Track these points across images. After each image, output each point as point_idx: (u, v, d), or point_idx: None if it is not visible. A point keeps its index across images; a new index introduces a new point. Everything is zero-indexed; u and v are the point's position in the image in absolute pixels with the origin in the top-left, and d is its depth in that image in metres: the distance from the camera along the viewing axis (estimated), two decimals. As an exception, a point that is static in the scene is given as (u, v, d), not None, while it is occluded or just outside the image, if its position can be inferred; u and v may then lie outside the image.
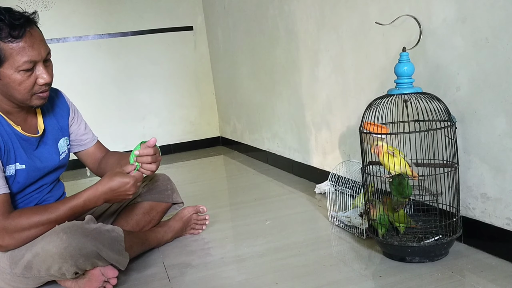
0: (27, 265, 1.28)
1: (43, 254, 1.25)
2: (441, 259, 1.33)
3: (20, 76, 1.24)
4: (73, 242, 1.23)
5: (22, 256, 1.28)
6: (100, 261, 1.28)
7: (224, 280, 1.36)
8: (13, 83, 1.25)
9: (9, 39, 1.21)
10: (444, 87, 1.41)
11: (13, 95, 1.28)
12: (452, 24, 1.35)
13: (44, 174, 1.44)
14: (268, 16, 2.64)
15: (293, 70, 2.44)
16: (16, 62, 1.22)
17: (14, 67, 1.23)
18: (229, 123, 3.75)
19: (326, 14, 2.03)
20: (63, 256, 1.24)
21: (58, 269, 1.26)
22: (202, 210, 1.78)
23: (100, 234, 1.29)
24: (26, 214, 1.28)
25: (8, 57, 1.22)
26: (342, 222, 1.68)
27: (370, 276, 1.30)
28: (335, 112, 2.09)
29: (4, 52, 1.21)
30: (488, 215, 1.33)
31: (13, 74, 1.24)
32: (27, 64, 1.23)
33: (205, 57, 3.95)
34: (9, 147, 1.32)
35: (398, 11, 1.55)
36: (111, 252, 1.29)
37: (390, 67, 1.59)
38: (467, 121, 1.35)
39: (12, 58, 1.22)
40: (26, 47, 1.23)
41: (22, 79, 1.25)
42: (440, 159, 1.40)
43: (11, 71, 1.23)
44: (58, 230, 1.26)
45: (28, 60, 1.23)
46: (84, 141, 1.60)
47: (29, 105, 1.32)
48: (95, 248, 1.26)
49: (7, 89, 1.27)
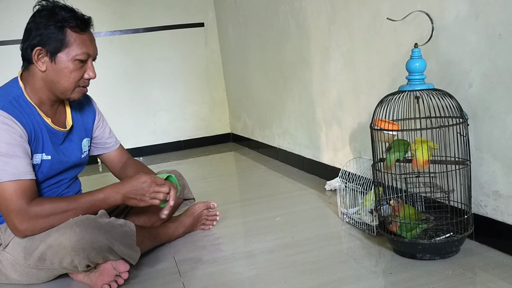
0: (41, 256, 1.30)
1: (56, 246, 1.27)
2: (452, 256, 1.32)
3: (73, 65, 1.34)
4: (86, 235, 1.25)
5: (36, 247, 1.30)
6: (112, 255, 1.30)
7: (234, 276, 1.37)
8: (66, 70, 1.34)
9: (76, 29, 1.34)
10: (456, 83, 1.40)
11: (59, 82, 1.36)
12: (464, 20, 1.34)
13: (66, 168, 1.48)
14: (279, 12, 2.63)
15: (303, 66, 2.44)
16: (74, 51, 1.33)
17: (72, 55, 1.34)
18: (240, 119, 3.75)
19: (337, 10, 2.02)
20: (75, 249, 1.26)
21: (70, 262, 1.28)
22: (213, 206, 1.79)
23: (112, 228, 1.30)
24: (48, 202, 1.32)
25: (69, 45, 1.33)
26: (352, 219, 1.68)
27: (380, 273, 1.29)
28: (346, 108, 2.09)
29: (69, 39, 1.33)
30: (500, 213, 1.32)
31: (68, 61, 1.34)
32: (84, 55, 1.35)
33: (216, 53, 3.96)
34: (38, 136, 1.37)
35: (410, 6, 1.53)
36: (123, 247, 1.31)
37: (402, 64, 1.58)
38: (479, 118, 1.34)
39: (73, 46, 1.33)
40: (87, 41, 1.36)
41: (74, 68, 1.35)
42: (452, 156, 1.39)
43: (67, 58, 1.34)
44: (72, 223, 1.28)
45: (86, 52, 1.35)
46: (108, 145, 1.67)
47: (68, 96, 1.40)
48: (107, 242, 1.27)
49: (56, 75, 1.35)
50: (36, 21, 1.34)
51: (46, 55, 1.33)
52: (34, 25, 1.33)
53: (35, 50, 1.33)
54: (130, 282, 1.38)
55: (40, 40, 1.32)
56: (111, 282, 1.33)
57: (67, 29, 1.33)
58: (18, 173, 1.28)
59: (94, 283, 1.34)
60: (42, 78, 1.36)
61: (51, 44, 1.32)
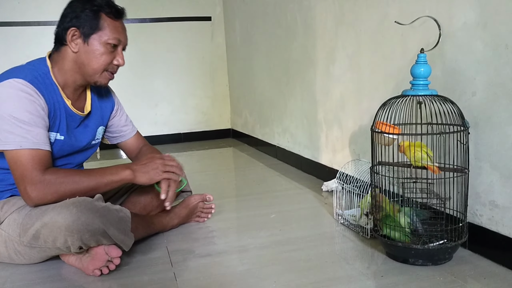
0: (35, 234, 1.31)
1: (52, 225, 1.28)
2: (444, 263, 1.32)
3: (104, 48, 1.40)
4: (82, 217, 1.26)
5: (32, 224, 1.31)
6: (105, 239, 1.30)
7: (226, 269, 1.37)
8: (96, 52, 1.39)
9: (110, 15, 1.40)
10: (460, 91, 1.40)
11: (90, 64, 1.40)
12: (472, 28, 1.34)
13: (74, 151, 1.51)
14: (287, 10, 2.63)
15: (308, 65, 2.44)
16: (107, 35, 1.39)
17: (104, 39, 1.39)
18: (241, 115, 3.75)
19: (345, 11, 2.02)
20: (70, 229, 1.26)
21: (64, 242, 1.29)
22: (209, 199, 1.79)
23: (108, 212, 1.31)
24: (62, 172, 1.35)
25: (102, 28, 1.39)
26: (347, 221, 1.68)
27: (371, 275, 1.29)
28: (348, 110, 2.09)
29: (103, 23, 1.39)
30: (495, 223, 1.32)
31: (100, 44, 1.39)
32: (115, 40, 1.40)
33: (221, 48, 3.95)
34: (56, 115, 1.41)
35: (419, 11, 1.53)
36: (117, 231, 1.31)
37: (407, 68, 1.58)
38: (480, 127, 1.34)
39: (106, 30, 1.39)
40: (119, 28, 1.43)
41: (104, 51, 1.40)
42: (450, 163, 1.39)
43: (99, 41, 1.39)
44: (69, 203, 1.29)
45: (117, 38, 1.41)
46: (124, 132, 1.71)
47: (96, 79, 1.44)
48: (102, 225, 1.27)
49: (87, 57, 1.40)
50: (73, 5, 1.40)
51: (80, 37, 1.39)
52: (71, 9, 1.40)
53: (70, 31, 1.38)
54: (121, 269, 1.38)
55: (76, 22, 1.38)
56: (102, 267, 1.33)
57: (102, 14, 1.39)
58: (38, 142, 1.31)
59: (86, 267, 1.34)
60: (73, 59, 1.41)
61: (86, 26, 1.38)
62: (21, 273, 1.39)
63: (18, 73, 1.34)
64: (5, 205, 1.37)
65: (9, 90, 1.30)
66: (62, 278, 1.36)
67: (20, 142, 1.29)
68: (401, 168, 1.45)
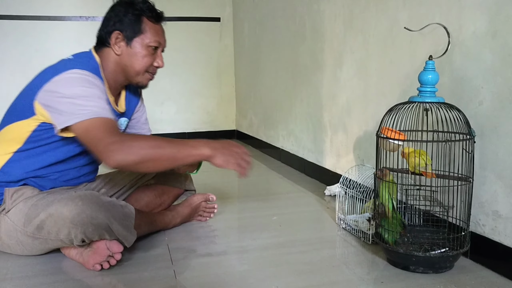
0: (40, 224, 1.31)
1: (56, 216, 1.28)
2: (445, 272, 1.32)
3: (146, 51, 1.47)
4: (87, 210, 1.26)
5: (37, 215, 1.31)
6: (108, 234, 1.30)
7: (226, 269, 1.37)
8: (139, 54, 1.46)
9: (151, 19, 1.47)
10: (467, 99, 1.39)
11: (132, 65, 1.47)
12: (481, 37, 1.33)
13: None
14: (296, 14, 2.63)
15: (315, 69, 2.44)
16: (148, 38, 1.46)
17: (146, 41, 1.46)
18: (246, 117, 3.75)
19: (354, 16, 2.02)
20: (74, 222, 1.26)
21: (67, 234, 1.29)
22: (212, 198, 1.79)
23: (113, 207, 1.31)
24: (140, 136, 1.39)
25: (144, 32, 1.46)
26: (349, 225, 1.68)
27: (371, 281, 1.29)
28: (354, 115, 2.08)
29: (145, 26, 1.46)
30: (497, 233, 1.31)
31: (141, 46, 1.46)
32: (156, 43, 1.48)
33: (229, 49, 3.96)
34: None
35: (429, 19, 1.53)
36: (121, 227, 1.31)
37: (414, 75, 1.57)
38: (486, 136, 1.33)
39: (147, 33, 1.46)
40: (159, 31, 1.51)
41: (146, 54, 1.47)
42: (455, 172, 1.38)
43: (141, 44, 1.46)
44: (75, 196, 1.30)
45: (158, 41, 1.48)
46: (142, 130, 1.73)
47: (137, 80, 1.50)
48: (107, 220, 1.28)
49: (129, 59, 1.46)
50: (116, 9, 1.47)
51: (123, 40, 1.45)
52: (114, 13, 1.46)
53: (114, 34, 1.45)
54: (122, 265, 1.38)
55: (119, 26, 1.45)
56: (103, 261, 1.33)
57: (143, 18, 1.46)
58: (107, 113, 1.32)
59: (86, 261, 1.34)
60: (115, 61, 1.47)
61: (129, 30, 1.45)
62: (21, 265, 1.40)
63: (75, 65, 1.37)
64: (15, 193, 1.38)
65: (74, 75, 1.34)
66: (63, 271, 1.36)
67: (92, 112, 1.29)
68: (405, 175, 1.45)
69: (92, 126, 1.27)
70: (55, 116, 1.31)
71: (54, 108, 1.31)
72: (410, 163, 1.33)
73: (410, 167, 1.34)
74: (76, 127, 1.28)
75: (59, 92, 1.30)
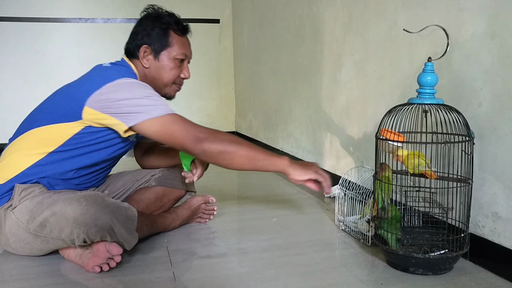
0: (43, 222, 1.31)
1: (60, 215, 1.29)
2: (445, 273, 1.32)
3: (173, 63, 1.53)
4: (91, 210, 1.27)
5: (42, 212, 1.32)
6: (110, 235, 1.30)
7: (225, 271, 1.37)
8: (166, 67, 1.53)
9: (177, 32, 1.54)
10: (466, 101, 1.40)
11: (160, 77, 1.53)
12: (480, 38, 1.34)
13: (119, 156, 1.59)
14: (296, 15, 2.64)
15: (315, 71, 2.44)
16: (175, 51, 1.53)
17: (172, 54, 1.53)
18: (246, 119, 3.76)
19: (354, 18, 2.02)
20: (77, 221, 1.27)
21: (69, 233, 1.29)
22: (212, 201, 1.79)
23: (117, 209, 1.32)
24: (219, 131, 1.43)
25: (171, 45, 1.53)
26: (348, 227, 1.68)
27: (371, 283, 1.29)
28: (353, 117, 2.08)
29: (171, 40, 1.53)
30: (497, 235, 1.31)
31: (169, 59, 1.53)
32: (183, 55, 1.55)
33: (229, 51, 3.97)
34: None
35: (427, 20, 1.53)
36: (123, 229, 1.32)
37: (413, 77, 1.58)
38: (485, 138, 1.33)
39: (174, 46, 1.53)
40: (186, 43, 1.57)
41: (173, 66, 1.54)
42: (454, 173, 1.38)
43: (168, 57, 1.52)
44: (80, 196, 1.30)
45: (184, 53, 1.55)
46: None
47: (165, 92, 1.57)
48: (110, 221, 1.28)
49: (157, 71, 1.53)
50: (143, 24, 1.53)
51: (151, 53, 1.52)
52: (142, 27, 1.53)
53: (142, 48, 1.51)
54: (121, 267, 1.38)
55: (147, 40, 1.51)
56: (102, 264, 1.33)
57: (170, 31, 1.53)
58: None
59: (86, 264, 1.34)
60: (144, 73, 1.53)
61: (156, 44, 1.51)
62: (20, 267, 1.40)
63: (125, 74, 1.42)
64: (23, 191, 1.38)
65: (130, 80, 1.40)
66: (62, 273, 1.36)
67: (165, 109, 1.36)
68: (404, 176, 1.45)
69: (171, 121, 1.35)
70: (120, 117, 1.35)
71: (117, 110, 1.34)
72: (409, 164, 1.33)
73: (409, 168, 1.34)
74: (148, 124, 1.34)
75: (121, 96, 1.34)
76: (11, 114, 3.51)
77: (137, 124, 1.35)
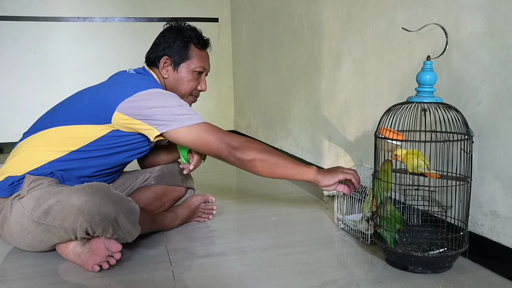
0: (47, 209, 1.31)
1: (65, 203, 1.29)
2: (444, 272, 1.32)
3: (191, 76, 1.60)
4: (96, 198, 1.28)
5: (47, 200, 1.32)
6: (112, 227, 1.31)
7: (224, 270, 1.37)
8: (185, 79, 1.59)
9: (198, 46, 1.61)
10: (465, 100, 1.40)
11: (177, 88, 1.59)
12: (479, 37, 1.34)
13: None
14: (295, 14, 2.64)
15: (313, 70, 2.44)
16: (194, 63, 1.59)
17: (191, 67, 1.59)
18: (245, 117, 3.76)
19: (352, 16, 2.02)
20: (82, 209, 1.27)
21: (73, 222, 1.29)
22: (211, 200, 1.79)
23: (122, 200, 1.33)
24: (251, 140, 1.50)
25: (191, 58, 1.59)
26: (347, 226, 1.68)
27: (370, 281, 1.29)
28: (352, 116, 2.09)
29: (191, 53, 1.59)
30: (496, 233, 1.32)
31: (187, 71, 1.59)
32: (201, 68, 1.60)
33: (227, 50, 3.96)
34: None
35: (426, 19, 1.53)
36: (127, 221, 1.32)
37: (412, 75, 1.58)
38: (484, 136, 1.34)
39: (193, 59, 1.59)
40: (205, 57, 1.63)
41: (191, 78, 1.60)
42: (453, 172, 1.39)
43: (187, 69, 1.59)
44: (85, 185, 1.32)
45: (203, 66, 1.61)
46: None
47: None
48: (114, 211, 1.29)
49: (176, 83, 1.59)
50: (166, 36, 1.59)
51: (170, 65, 1.58)
52: (164, 39, 1.59)
53: (163, 59, 1.57)
54: (121, 265, 1.38)
55: (168, 51, 1.57)
56: (102, 262, 1.33)
57: (191, 45, 1.59)
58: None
59: (85, 262, 1.34)
60: (163, 83, 1.59)
61: (177, 56, 1.57)
62: (19, 267, 1.40)
63: (153, 84, 1.48)
64: (33, 181, 1.38)
65: (163, 90, 1.47)
66: (61, 273, 1.36)
67: (196, 118, 1.44)
68: (403, 175, 1.45)
69: (204, 130, 1.43)
70: (153, 123, 1.40)
71: (150, 117, 1.40)
72: (408, 164, 1.34)
73: (408, 168, 1.34)
74: (181, 131, 1.42)
75: (154, 104, 1.40)
76: (9, 113, 3.50)
77: (169, 131, 1.41)
